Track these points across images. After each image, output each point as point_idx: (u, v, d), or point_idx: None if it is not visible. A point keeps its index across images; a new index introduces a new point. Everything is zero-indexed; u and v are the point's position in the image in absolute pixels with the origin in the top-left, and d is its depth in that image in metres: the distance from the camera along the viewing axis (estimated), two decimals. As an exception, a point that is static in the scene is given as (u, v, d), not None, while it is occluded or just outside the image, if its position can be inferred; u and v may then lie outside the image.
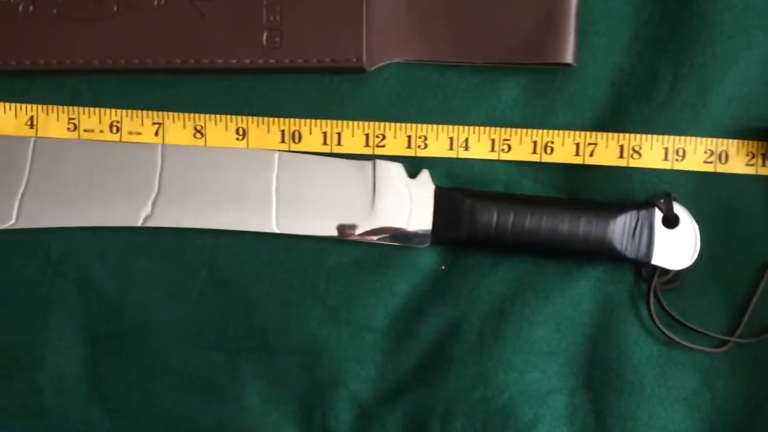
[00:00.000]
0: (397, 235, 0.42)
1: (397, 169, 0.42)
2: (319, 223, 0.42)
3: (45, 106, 0.43)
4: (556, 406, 0.41)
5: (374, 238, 0.42)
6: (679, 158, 0.42)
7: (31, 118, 0.43)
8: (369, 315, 0.42)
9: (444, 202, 0.42)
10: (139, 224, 0.41)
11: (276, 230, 0.42)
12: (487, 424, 0.41)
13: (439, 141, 0.43)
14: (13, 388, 0.42)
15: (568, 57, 0.41)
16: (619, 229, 0.41)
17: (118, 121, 0.43)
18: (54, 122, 0.43)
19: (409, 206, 0.42)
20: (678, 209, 0.41)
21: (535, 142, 0.43)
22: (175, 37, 0.41)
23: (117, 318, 0.42)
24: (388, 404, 0.42)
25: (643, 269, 0.42)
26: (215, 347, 0.42)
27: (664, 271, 0.42)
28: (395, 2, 0.42)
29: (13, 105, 0.43)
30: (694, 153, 0.42)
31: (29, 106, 0.43)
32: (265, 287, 0.42)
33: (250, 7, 0.41)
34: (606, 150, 0.42)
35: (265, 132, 0.43)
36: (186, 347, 0.42)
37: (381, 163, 0.42)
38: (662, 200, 0.42)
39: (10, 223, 0.42)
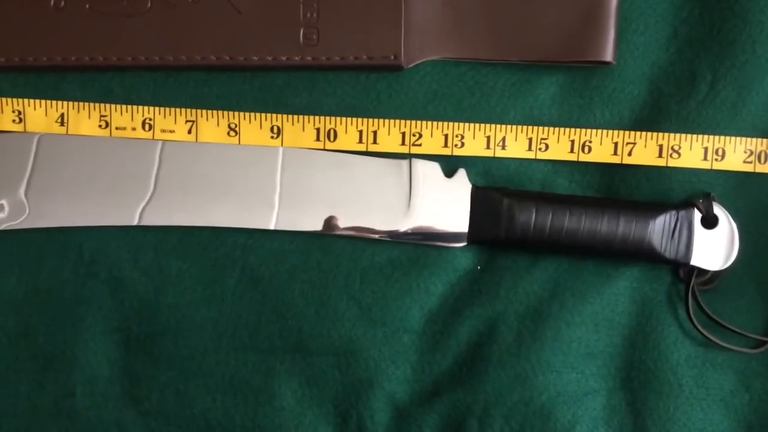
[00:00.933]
0: (433, 234, 0.42)
1: (434, 168, 0.42)
2: (353, 222, 0.42)
3: (76, 103, 0.42)
4: (593, 408, 0.41)
5: (410, 237, 0.42)
6: (719, 158, 0.41)
7: (62, 115, 0.42)
8: (404, 315, 0.42)
9: (481, 202, 0.42)
10: (175, 223, 0.41)
11: (310, 229, 0.41)
12: (526, 426, 0.40)
13: (476, 140, 0.42)
14: (46, 390, 0.42)
15: (608, 55, 0.41)
16: (659, 229, 0.41)
17: (150, 119, 0.42)
18: (85, 119, 0.42)
19: (445, 206, 0.42)
20: (717, 210, 0.41)
21: (572, 141, 0.42)
22: (211, 34, 0.41)
23: (150, 319, 0.42)
24: (425, 405, 0.41)
25: (681, 270, 0.42)
26: (250, 348, 0.42)
27: (702, 272, 0.41)
28: (432, -1, 0.41)
29: (43, 102, 0.42)
30: (733, 153, 0.41)
31: (60, 102, 0.42)
32: (300, 287, 0.42)
33: (286, 3, 0.41)
34: (645, 149, 0.42)
35: (300, 130, 0.42)
36: (220, 348, 0.42)
37: (417, 162, 0.42)
38: (701, 200, 0.41)
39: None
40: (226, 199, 0.41)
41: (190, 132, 0.42)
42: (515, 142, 0.42)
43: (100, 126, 0.42)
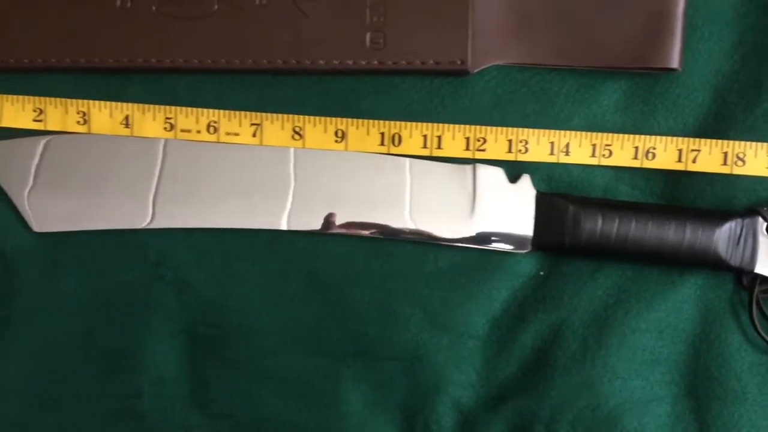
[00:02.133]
0: (497, 240, 0.42)
1: (498, 174, 0.42)
2: (417, 227, 0.41)
3: (141, 105, 0.42)
4: (659, 414, 0.41)
5: (473, 242, 0.42)
6: (784, 166, 0.42)
7: (127, 117, 0.42)
8: (469, 321, 0.42)
9: (545, 208, 0.42)
10: (235, 225, 0.41)
11: (374, 233, 0.41)
12: (593, 432, 0.41)
13: (539, 145, 0.42)
14: (113, 391, 0.42)
15: (675, 62, 0.41)
16: (724, 237, 0.41)
17: (215, 122, 0.42)
18: (150, 121, 0.42)
19: (509, 211, 0.42)
20: (782, 218, 0.41)
21: (636, 148, 0.42)
22: (277, 37, 0.41)
23: (216, 321, 0.42)
24: (491, 411, 0.41)
25: (744, 277, 0.42)
26: (316, 352, 0.42)
27: (766, 280, 0.41)
28: (498, 3, 0.41)
29: (108, 103, 0.42)
30: (798, 161, 0.42)
31: (125, 104, 0.42)
32: (365, 292, 0.42)
33: (353, 7, 0.41)
34: (709, 157, 0.42)
35: (364, 134, 0.42)
36: (287, 352, 0.42)
37: (481, 167, 0.42)
38: (766, 208, 0.41)
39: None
40: (290, 202, 0.41)
41: (254, 135, 0.42)
42: (579, 148, 0.42)
43: (164, 128, 0.42)
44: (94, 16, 0.41)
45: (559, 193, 0.42)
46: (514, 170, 0.42)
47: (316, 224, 0.41)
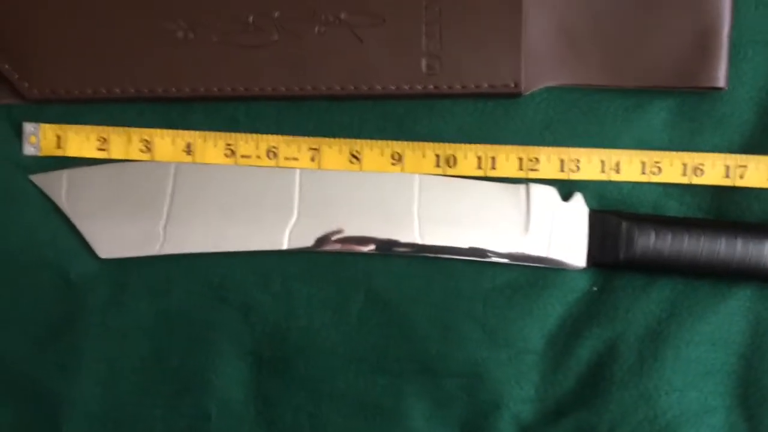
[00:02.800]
0: (552, 257, 0.43)
1: (551, 192, 0.43)
2: (474, 245, 0.43)
3: (202, 133, 0.43)
4: (714, 425, 0.42)
5: (528, 260, 0.43)
6: (829, 180, 0.43)
7: (189, 144, 0.43)
8: (526, 336, 0.43)
9: (599, 225, 0.43)
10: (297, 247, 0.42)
11: (432, 253, 0.42)
12: (652, 444, 0.42)
13: (591, 164, 0.43)
14: (182, 412, 0.43)
15: (721, 81, 0.42)
16: (774, 250, 0.42)
17: (275, 147, 0.43)
18: (211, 148, 0.43)
19: (563, 229, 0.43)
20: (828, 230, 0.42)
21: (684, 165, 0.43)
22: (336, 64, 0.42)
23: (281, 342, 0.43)
24: (550, 425, 0.43)
25: (792, 289, 0.43)
26: (378, 370, 0.43)
27: (812, 291, 0.43)
28: (548, 27, 0.42)
29: (170, 131, 0.43)
30: (843, 175, 0.43)
31: (187, 132, 0.43)
32: (424, 310, 0.43)
33: (409, 34, 0.42)
34: (756, 172, 0.43)
35: (420, 156, 0.43)
36: (350, 370, 0.43)
37: (534, 187, 0.43)
38: (812, 221, 0.43)
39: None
40: (356, 223, 0.42)
41: (313, 160, 0.43)
42: (629, 166, 0.43)
43: (225, 154, 0.43)
44: (157, 47, 0.42)
45: (611, 210, 0.43)
46: (566, 189, 0.43)
47: (377, 246, 0.42)
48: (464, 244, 0.42)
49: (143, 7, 0.41)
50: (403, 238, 0.42)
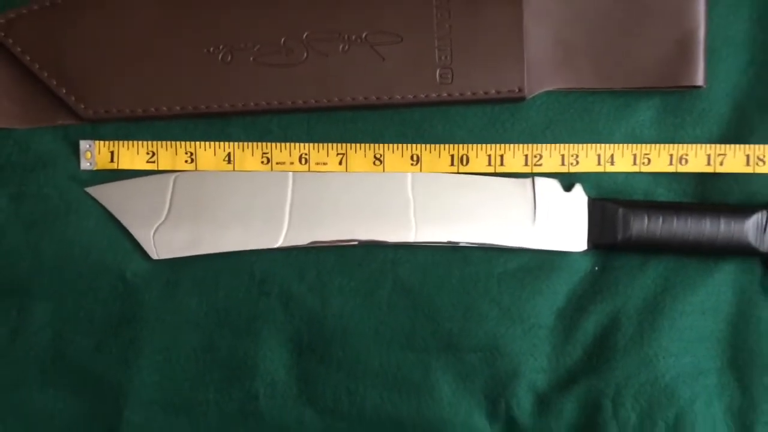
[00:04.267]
0: (557, 242, 0.48)
1: (554, 184, 0.48)
2: (488, 234, 0.47)
3: (241, 143, 0.48)
4: (707, 385, 0.47)
5: (537, 245, 0.48)
6: (798, 163, 0.48)
7: (229, 154, 0.48)
8: (538, 313, 0.48)
9: (597, 211, 0.48)
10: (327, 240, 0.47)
11: (451, 241, 0.47)
12: (653, 403, 0.46)
13: (588, 158, 0.48)
14: (233, 395, 0.47)
15: (699, 80, 0.47)
16: (752, 227, 0.47)
17: (306, 154, 0.48)
18: (249, 157, 0.48)
19: (565, 216, 0.48)
20: (799, 208, 0.48)
21: (671, 155, 0.49)
22: (359, 78, 0.47)
23: (318, 328, 0.47)
24: (563, 391, 0.47)
25: (770, 261, 0.49)
26: (408, 348, 0.47)
27: (789, 261, 0.48)
28: (546, 38, 0.48)
29: (212, 143, 0.48)
30: (810, 158, 0.48)
31: (226, 143, 0.48)
32: (446, 294, 0.48)
33: (424, 49, 0.47)
34: (734, 159, 0.48)
35: (436, 157, 0.48)
36: (382, 350, 0.47)
37: (539, 180, 0.48)
38: (786, 200, 0.48)
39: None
40: (372, 218, 0.47)
41: (341, 163, 0.48)
42: (622, 158, 0.49)
43: (262, 162, 0.48)
44: (199, 69, 0.46)
45: (608, 198, 0.48)
46: (567, 181, 0.48)
47: (397, 236, 0.47)
48: (479, 233, 0.47)
49: (186, 35, 0.46)
50: (427, 231, 0.47)
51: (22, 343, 0.47)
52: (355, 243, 0.47)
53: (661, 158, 0.49)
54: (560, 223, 0.48)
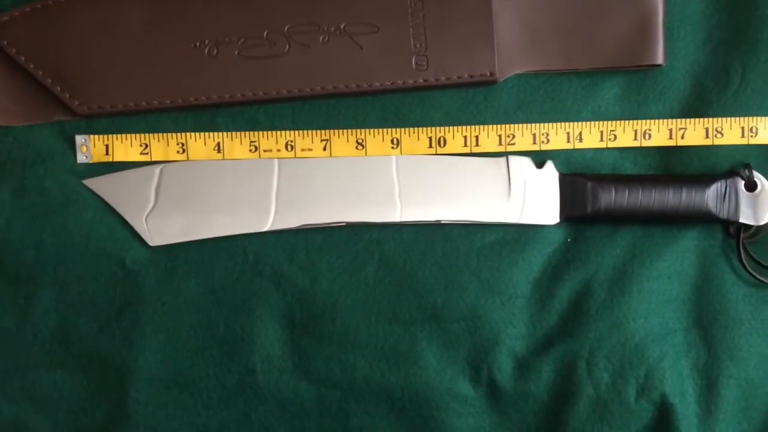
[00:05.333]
0: (531, 216, 0.51)
1: (526, 162, 0.51)
2: (466, 211, 0.50)
3: (229, 133, 0.50)
4: (675, 343, 0.50)
5: (512, 220, 0.50)
6: (753, 135, 0.51)
7: (218, 144, 0.50)
8: (515, 284, 0.50)
9: (568, 186, 0.51)
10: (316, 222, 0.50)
11: (433, 220, 0.50)
12: (624, 362, 0.49)
13: (558, 136, 0.51)
14: (232, 371, 0.50)
15: (659, 59, 0.50)
16: (713, 195, 0.50)
17: (292, 141, 0.51)
18: (238, 146, 0.50)
19: (538, 192, 0.50)
20: (756, 176, 0.51)
21: (635, 131, 0.52)
22: (339, 67, 0.49)
23: (310, 304, 0.50)
24: (541, 355, 0.50)
25: (730, 227, 0.51)
26: (394, 321, 0.50)
27: (748, 227, 0.51)
28: (514, 24, 0.50)
29: (202, 134, 0.50)
30: (764, 129, 0.51)
31: (216, 133, 0.50)
32: (429, 268, 0.50)
33: (399, 38, 0.49)
34: (694, 133, 0.51)
35: (415, 140, 0.51)
36: (370, 323, 0.50)
37: (513, 158, 0.51)
38: (743, 169, 0.50)
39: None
40: (358, 200, 0.50)
41: (325, 149, 0.51)
42: (589, 135, 0.51)
43: (250, 150, 0.51)
44: (187, 63, 0.49)
45: (578, 173, 0.51)
46: (539, 158, 0.51)
47: (383, 216, 0.50)
48: (457, 210, 0.50)
49: (174, 31, 0.49)
50: (410, 210, 0.50)
51: (30, 328, 0.50)
52: (343, 224, 0.50)
53: (626, 134, 0.52)
54: (534, 199, 0.50)
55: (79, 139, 0.50)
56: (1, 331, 0.50)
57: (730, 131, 0.51)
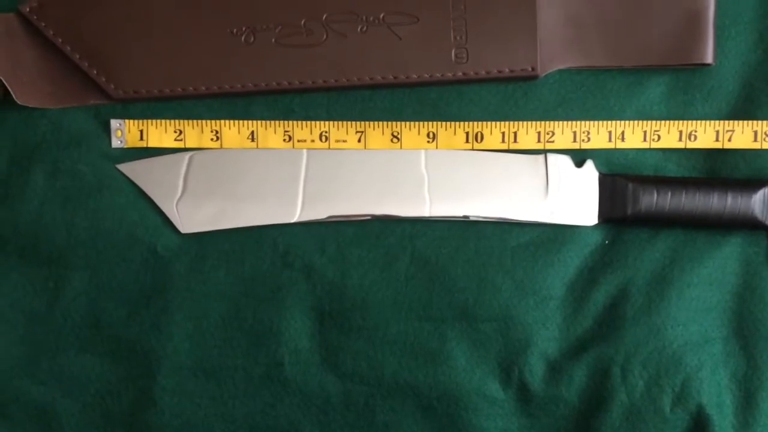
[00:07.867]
0: (568, 216, 0.50)
1: (565, 161, 0.50)
2: (501, 209, 0.49)
3: (264, 122, 0.50)
4: (713, 353, 0.49)
5: (549, 220, 0.49)
6: (805, 139, 0.50)
7: (252, 133, 0.50)
8: (549, 285, 0.50)
9: (608, 187, 0.49)
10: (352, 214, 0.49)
11: (461, 215, 0.49)
12: (661, 370, 0.48)
13: (599, 135, 0.50)
14: (259, 362, 0.50)
15: (709, 58, 0.49)
16: (759, 201, 0.48)
17: (326, 132, 0.50)
18: (272, 135, 0.50)
19: (577, 191, 0.49)
20: (805, 182, 0.49)
21: (680, 132, 0.50)
22: (376, 58, 0.49)
23: (339, 298, 0.50)
24: (573, 359, 0.49)
25: (776, 234, 0.50)
26: (425, 318, 0.49)
27: (794, 236, 0.49)
28: (558, 18, 0.49)
29: (236, 122, 0.50)
30: (816, 134, 0.50)
31: (250, 122, 0.50)
32: (461, 266, 0.50)
33: (439, 29, 0.48)
34: (742, 135, 0.50)
35: (452, 134, 0.50)
36: (400, 319, 0.49)
37: (551, 156, 0.50)
38: (792, 175, 0.49)
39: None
40: (386, 193, 0.49)
41: (359, 141, 0.50)
42: (632, 135, 0.50)
43: (284, 140, 0.50)
44: (223, 50, 0.48)
45: (619, 174, 0.50)
46: (579, 157, 0.50)
47: (414, 211, 0.49)
48: (493, 208, 0.49)
49: (211, 17, 0.48)
50: (443, 206, 0.49)
51: (60, 311, 0.50)
52: (369, 218, 0.49)
53: (670, 135, 0.50)
54: (572, 198, 0.49)
55: (114, 123, 0.50)
56: (31, 314, 0.50)
57: (780, 135, 0.49)
